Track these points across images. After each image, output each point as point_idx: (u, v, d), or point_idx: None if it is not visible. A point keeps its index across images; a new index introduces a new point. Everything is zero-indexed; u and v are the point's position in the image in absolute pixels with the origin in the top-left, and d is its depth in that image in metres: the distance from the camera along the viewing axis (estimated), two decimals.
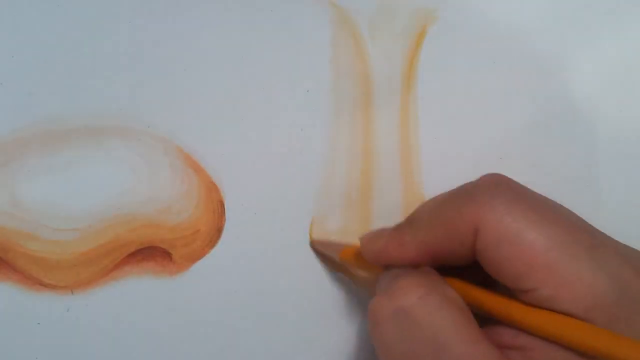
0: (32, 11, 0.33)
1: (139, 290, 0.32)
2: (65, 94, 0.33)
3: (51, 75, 0.32)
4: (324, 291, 0.35)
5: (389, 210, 0.36)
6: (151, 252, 0.33)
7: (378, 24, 0.37)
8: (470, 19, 0.38)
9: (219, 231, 0.34)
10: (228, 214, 0.34)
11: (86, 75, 0.33)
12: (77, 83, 0.33)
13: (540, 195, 0.27)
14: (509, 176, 0.34)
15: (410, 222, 0.28)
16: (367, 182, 0.36)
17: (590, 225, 0.27)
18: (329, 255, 0.34)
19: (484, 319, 0.26)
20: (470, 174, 0.36)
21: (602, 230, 0.27)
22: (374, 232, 0.30)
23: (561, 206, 0.27)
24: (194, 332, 0.33)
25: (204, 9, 0.34)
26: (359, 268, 0.31)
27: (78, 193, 0.32)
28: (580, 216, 0.27)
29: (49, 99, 0.32)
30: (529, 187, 0.27)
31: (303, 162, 0.35)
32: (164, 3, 0.34)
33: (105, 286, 0.32)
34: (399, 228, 0.29)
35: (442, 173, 0.36)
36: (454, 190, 0.28)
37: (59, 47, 0.33)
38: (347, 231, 0.35)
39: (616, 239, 0.27)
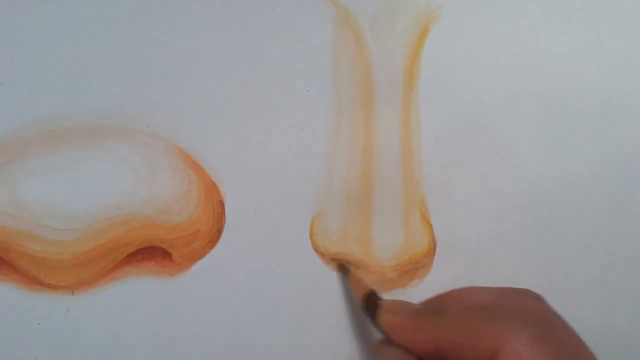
0: (32, 11, 0.32)
1: (139, 291, 0.32)
2: (65, 94, 0.33)
3: (51, 75, 0.32)
4: (324, 291, 0.35)
5: (389, 210, 0.36)
6: (151, 252, 0.33)
7: (379, 23, 0.36)
8: (473, 18, 0.37)
9: (219, 231, 0.34)
10: (228, 214, 0.34)
11: (86, 75, 0.33)
12: (77, 83, 0.33)
13: (572, 339, 0.27)
14: (511, 177, 0.34)
15: (436, 312, 0.28)
16: (367, 182, 0.36)
17: None
18: (351, 289, 0.34)
19: None
20: (470, 174, 0.37)
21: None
22: (398, 302, 0.31)
23: (590, 355, 0.27)
24: (194, 332, 0.33)
25: (203, 9, 0.34)
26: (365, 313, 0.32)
27: (78, 193, 0.32)
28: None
29: (49, 99, 0.32)
30: (564, 320, 0.27)
31: (303, 162, 0.35)
32: (164, 3, 0.34)
33: (105, 286, 0.32)
34: (422, 312, 0.29)
35: (442, 173, 0.36)
36: (492, 294, 0.29)
37: (59, 47, 0.33)
38: (347, 231, 0.35)
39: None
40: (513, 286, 0.34)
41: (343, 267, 0.35)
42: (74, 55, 0.33)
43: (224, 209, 0.34)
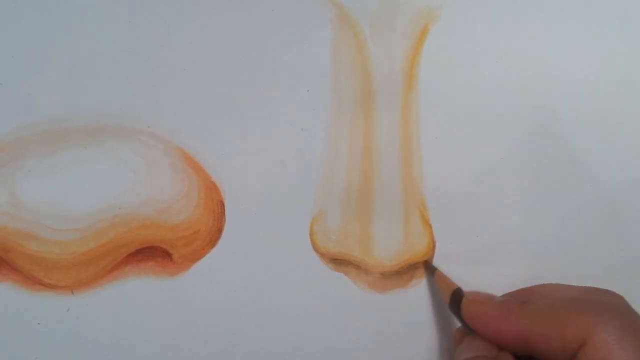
0: (32, 11, 0.33)
1: (139, 290, 0.32)
2: (65, 94, 0.33)
3: (51, 75, 0.32)
4: (324, 291, 0.35)
5: (389, 210, 0.36)
6: (151, 252, 0.33)
7: (379, 23, 0.36)
8: (473, 18, 0.37)
9: (219, 231, 0.34)
10: (228, 214, 0.34)
11: (86, 75, 0.33)
12: (77, 83, 0.33)
13: None
14: (511, 177, 0.34)
15: (522, 303, 0.29)
16: (367, 182, 0.36)
17: None
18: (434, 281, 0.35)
19: None
20: (470, 174, 0.37)
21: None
22: (483, 294, 0.31)
23: None
24: (194, 332, 0.33)
25: (203, 9, 0.34)
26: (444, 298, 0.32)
27: (78, 193, 0.32)
28: None
29: (49, 99, 0.32)
30: None
31: (303, 162, 0.35)
32: (164, 3, 0.34)
33: (105, 286, 0.32)
34: (508, 303, 0.29)
35: (442, 173, 0.36)
36: (576, 290, 0.29)
37: (59, 47, 0.33)
38: (347, 231, 0.35)
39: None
40: (511, 286, 0.34)
41: (428, 266, 0.35)
42: (74, 55, 0.33)
43: (224, 209, 0.34)
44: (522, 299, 0.30)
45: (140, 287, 0.32)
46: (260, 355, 0.34)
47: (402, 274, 0.36)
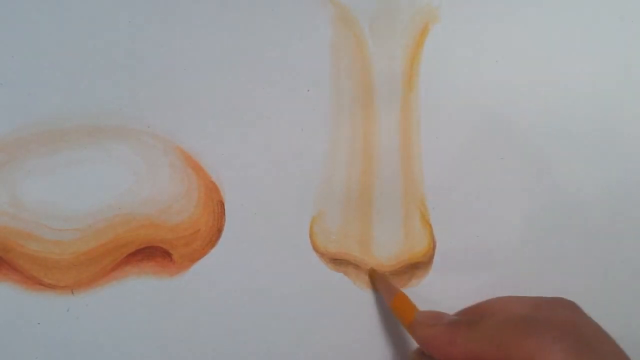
0: (32, 11, 0.32)
1: (139, 290, 0.32)
2: (65, 94, 0.32)
3: (51, 75, 0.32)
4: (323, 291, 0.35)
5: (388, 211, 0.36)
6: (151, 252, 0.33)
7: (379, 23, 0.36)
8: (473, 18, 0.37)
9: (219, 231, 0.34)
10: (228, 214, 0.34)
11: (86, 75, 0.33)
12: (77, 83, 0.33)
13: (608, 348, 0.27)
14: (511, 177, 0.34)
15: (470, 324, 0.29)
16: (367, 182, 0.36)
17: None
18: (378, 288, 0.35)
19: None
20: (470, 174, 0.37)
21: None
22: (432, 314, 0.31)
23: None
24: (194, 332, 0.33)
25: (203, 8, 0.34)
26: (402, 323, 0.32)
27: (78, 193, 0.32)
28: None
29: (49, 99, 0.32)
30: (600, 328, 0.28)
31: (303, 162, 0.35)
32: (164, 3, 0.34)
33: (105, 286, 0.32)
34: (456, 325, 0.29)
35: (442, 173, 0.36)
36: (527, 306, 0.29)
37: (59, 47, 0.33)
38: (347, 231, 0.35)
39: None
40: (511, 287, 0.34)
41: (373, 272, 0.35)
42: (74, 55, 0.33)
43: (224, 209, 0.34)
44: (474, 316, 0.30)
45: (140, 287, 0.32)
46: (260, 355, 0.34)
47: (401, 274, 0.36)
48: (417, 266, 0.36)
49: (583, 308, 0.30)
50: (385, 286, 0.34)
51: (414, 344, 0.34)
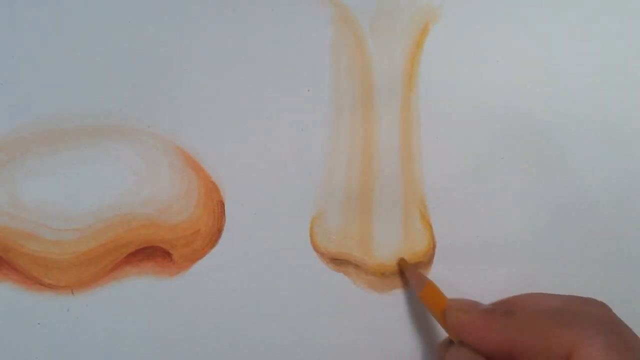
0: (32, 11, 0.32)
1: (139, 290, 0.32)
2: (65, 94, 0.33)
3: (51, 75, 0.32)
4: (323, 291, 0.35)
5: (389, 211, 0.36)
6: (151, 252, 0.33)
7: (379, 23, 0.36)
8: (473, 18, 0.37)
9: (219, 231, 0.34)
10: (228, 214, 0.34)
11: (86, 75, 0.33)
12: (77, 83, 0.33)
13: None
14: (511, 177, 0.34)
15: (507, 313, 0.28)
16: (367, 182, 0.36)
17: None
18: (408, 277, 0.35)
19: None
20: (470, 174, 0.37)
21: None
22: (465, 301, 0.31)
23: None
24: (194, 332, 0.33)
25: (203, 8, 0.34)
26: (433, 313, 0.32)
27: (78, 193, 0.32)
28: None
29: (49, 99, 0.32)
30: (631, 329, 0.27)
31: (303, 162, 0.35)
32: (164, 3, 0.34)
33: (105, 286, 0.32)
34: (492, 312, 0.29)
35: (442, 173, 0.36)
36: (560, 300, 0.29)
37: (59, 47, 0.33)
38: (347, 231, 0.35)
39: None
40: (512, 286, 0.34)
41: (403, 262, 0.35)
42: (74, 55, 0.33)
43: (224, 209, 0.34)
44: (506, 308, 0.30)
45: (140, 287, 0.32)
46: (260, 355, 0.34)
47: (402, 274, 0.36)
48: (418, 266, 0.36)
49: None
50: (415, 275, 0.34)
51: (418, 343, 0.34)
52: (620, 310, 0.28)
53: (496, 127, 0.37)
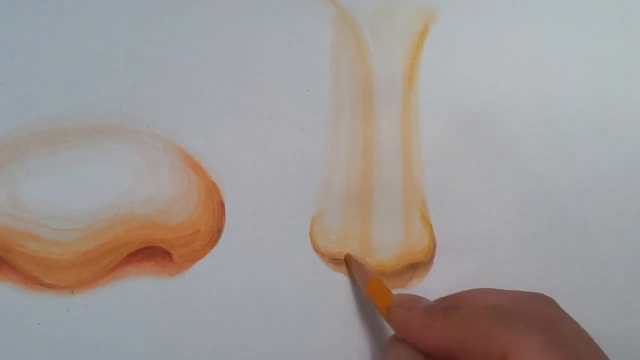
0: (32, 11, 0.32)
1: (139, 290, 0.32)
2: (65, 94, 0.33)
3: (51, 75, 0.32)
4: (323, 291, 0.35)
5: (389, 210, 0.36)
6: (151, 252, 0.33)
7: (379, 23, 0.36)
8: (473, 18, 0.37)
9: (219, 231, 0.34)
10: (228, 214, 0.34)
11: (86, 75, 0.33)
12: (77, 83, 0.33)
13: (584, 345, 0.26)
14: (511, 177, 0.34)
15: (447, 310, 0.28)
16: (367, 182, 0.36)
17: None
18: (353, 274, 0.34)
19: None
20: (470, 174, 0.37)
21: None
22: (409, 297, 0.30)
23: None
24: (194, 332, 0.33)
25: (203, 9, 0.34)
26: (379, 309, 0.32)
27: (78, 193, 0.32)
28: None
29: (49, 99, 0.32)
30: (577, 324, 0.27)
31: (303, 162, 0.35)
32: (164, 3, 0.34)
33: (105, 286, 0.32)
34: (432, 311, 0.29)
35: (442, 173, 0.36)
36: (505, 297, 0.29)
37: (59, 47, 0.33)
38: (347, 231, 0.35)
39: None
40: (512, 286, 0.34)
41: (348, 258, 0.35)
42: (74, 55, 0.33)
43: (224, 209, 0.34)
44: (451, 304, 0.29)
45: (140, 287, 0.32)
46: (260, 355, 0.34)
47: (402, 274, 0.36)
48: (418, 266, 0.36)
49: (583, 306, 0.30)
50: (359, 272, 0.33)
51: None
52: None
53: (496, 127, 0.37)
